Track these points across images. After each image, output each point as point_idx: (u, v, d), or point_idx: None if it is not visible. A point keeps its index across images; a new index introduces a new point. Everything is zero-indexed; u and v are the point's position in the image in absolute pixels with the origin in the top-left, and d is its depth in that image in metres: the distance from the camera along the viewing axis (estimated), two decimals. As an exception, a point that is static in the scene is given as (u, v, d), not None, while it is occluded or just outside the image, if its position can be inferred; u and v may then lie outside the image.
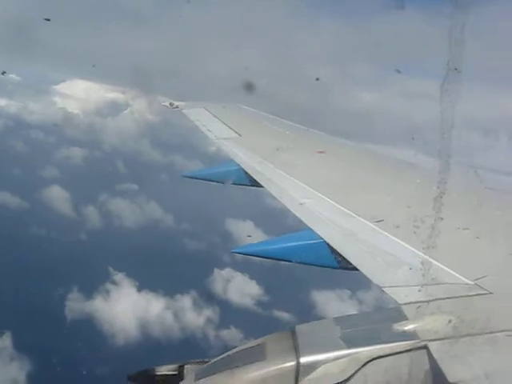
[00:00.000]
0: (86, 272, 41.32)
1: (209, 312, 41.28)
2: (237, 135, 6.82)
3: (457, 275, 3.10)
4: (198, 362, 3.06)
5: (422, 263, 3.34)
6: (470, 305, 2.85)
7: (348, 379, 2.48)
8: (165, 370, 3.16)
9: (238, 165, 5.86)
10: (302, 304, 40.03)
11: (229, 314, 41.02)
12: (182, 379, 2.97)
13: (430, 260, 3.33)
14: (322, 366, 2.52)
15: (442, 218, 4.17)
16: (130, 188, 59.68)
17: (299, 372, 2.53)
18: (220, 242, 48.94)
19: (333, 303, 41.31)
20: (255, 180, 5.49)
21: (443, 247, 3.61)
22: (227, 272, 45.52)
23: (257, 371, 2.61)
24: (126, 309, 40.37)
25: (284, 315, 39.64)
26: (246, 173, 5.67)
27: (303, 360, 2.56)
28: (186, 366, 3.09)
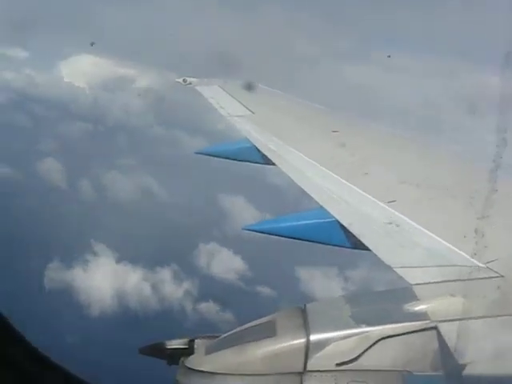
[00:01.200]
0: (68, 243, 41.23)
1: (188, 285, 41.34)
2: (250, 113, 6.79)
3: (468, 258, 3.09)
4: (208, 337, 3.09)
5: (434, 245, 3.34)
6: (480, 287, 2.85)
7: (358, 357, 2.50)
8: (175, 343, 3.19)
9: (251, 142, 5.85)
10: (287, 280, 39.79)
11: (209, 287, 40.87)
12: (192, 353, 3.00)
13: (442, 242, 3.33)
14: (332, 344, 2.54)
15: (453, 200, 4.17)
16: (128, 163, 59.18)
17: (309, 349, 2.56)
18: (209, 216, 48.72)
19: (318, 280, 41.04)
20: (268, 158, 5.47)
21: (455, 230, 3.61)
22: (212, 246, 45.04)
23: (267, 347, 2.64)
24: (104, 280, 40.51)
25: (266, 291, 39.65)
26: (259, 151, 5.66)
27: (313, 337, 2.58)
28: (196, 341, 3.12)
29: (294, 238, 4.21)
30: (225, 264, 44.32)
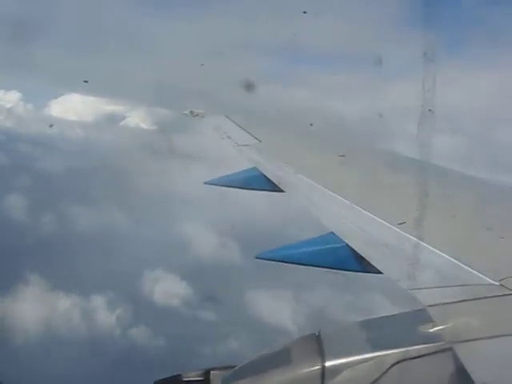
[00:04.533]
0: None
1: (122, 311, 41.00)
2: (257, 141, 6.86)
3: (482, 276, 3.08)
4: (224, 368, 3.09)
5: (447, 265, 3.33)
6: (495, 306, 2.82)
7: (374, 382, 2.48)
8: (192, 375, 3.19)
9: (259, 171, 5.90)
10: (233, 305, 39.59)
11: (145, 313, 40.61)
12: None
13: (454, 261, 3.32)
14: (348, 370, 2.53)
15: (465, 219, 4.17)
16: (99, 196, 58.80)
17: (325, 376, 2.54)
18: (161, 243, 48.22)
19: (269, 304, 40.59)
20: (276, 185, 5.51)
21: (467, 248, 3.60)
22: (158, 272, 45.19)
23: (282, 376, 2.63)
24: (34, 308, 40.33)
25: (210, 315, 39.34)
26: (268, 178, 5.70)
27: (328, 364, 2.57)
28: (212, 372, 3.12)
29: (306, 265, 4.21)
30: (168, 290, 43.65)
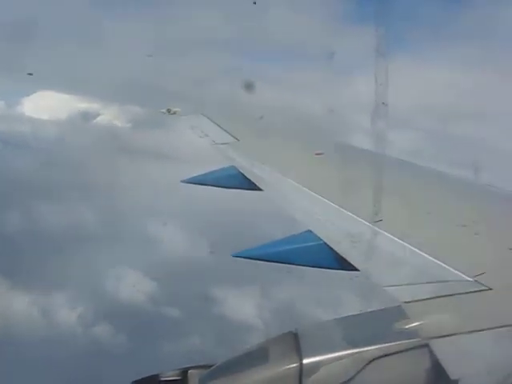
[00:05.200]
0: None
1: (83, 309, 40.55)
2: (234, 140, 6.84)
3: (456, 272, 3.11)
4: (201, 367, 3.08)
5: (422, 261, 3.36)
6: (470, 301, 2.86)
7: (351, 379, 2.50)
8: (169, 375, 3.18)
9: (237, 169, 5.89)
10: (197, 301, 39.37)
11: (108, 309, 40.19)
12: None
13: (429, 258, 3.35)
14: (325, 367, 2.54)
15: (439, 216, 4.21)
16: (66, 194, 57.71)
17: (302, 373, 2.55)
18: (121, 238, 47.54)
19: (232, 300, 40.34)
20: (254, 183, 5.51)
21: (442, 245, 3.64)
22: (121, 268, 44.09)
23: (260, 375, 2.63)
24: None
25: (174, 312, 39.07)
26: (245, 177, 5.69)
27: (306, 361, 2.58)
28: (189, 371, 3.11)
29: (284, 263, 4.21)
30: (132, 286, 42.86)
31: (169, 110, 8.85)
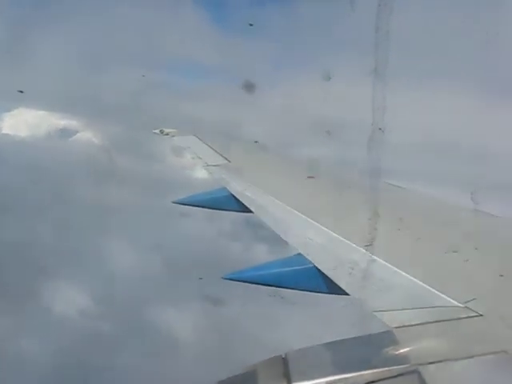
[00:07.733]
0: None
1: (12, 322, 39.59)
2: (226, 162, 6.86)
3: (447, 298, 3.10)
4: None
5: (412, 287, 3.35)
6: (460, 327, 2.85)
7: None
8: None
9: (228, 191, 5.89)
10: (134, 318, 38.59)
11: (39, 325, 39.27)
12: None
13: (420, 283, 3.34)
14: None
15: (431, 241, 4.22)
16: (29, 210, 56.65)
17: None
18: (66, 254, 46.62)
19: (172, 318, 39.60)
20: (245, 206, 5.50)
21: (433, 270, 3.63)
22: (59, 283, 43.64)
23: None
24: None
25: (109, 329, 38.29)
26: (236, 199, 5.69)
27: None
28: None
29: (273, 286, 4.19)
30: (68, 300, 42.06)
31: (162, 131, 8.87)
